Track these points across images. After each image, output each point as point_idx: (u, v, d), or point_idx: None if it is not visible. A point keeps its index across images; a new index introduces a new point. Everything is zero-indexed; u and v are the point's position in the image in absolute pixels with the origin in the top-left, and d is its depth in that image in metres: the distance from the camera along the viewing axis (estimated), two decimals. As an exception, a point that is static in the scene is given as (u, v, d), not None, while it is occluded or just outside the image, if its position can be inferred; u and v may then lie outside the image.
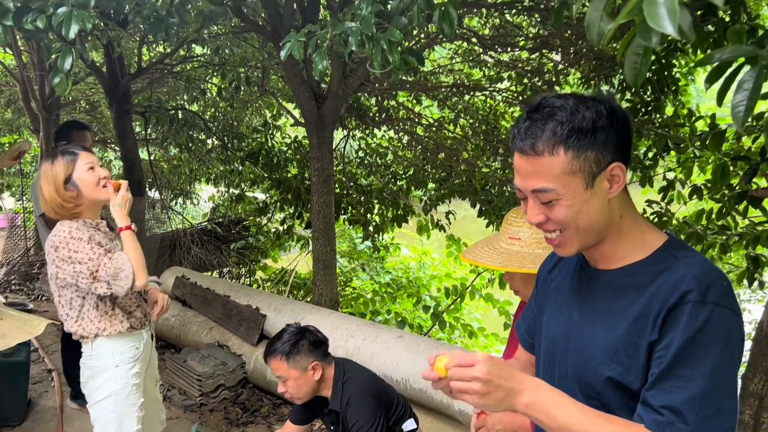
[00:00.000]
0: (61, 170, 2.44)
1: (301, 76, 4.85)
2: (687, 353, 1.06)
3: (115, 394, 2.50)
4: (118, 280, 2.35)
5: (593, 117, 1.11)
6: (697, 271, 1.10)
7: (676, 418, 1.05)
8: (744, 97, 1.04)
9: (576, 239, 1.19)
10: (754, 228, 4.06)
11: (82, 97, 9.58)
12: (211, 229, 8.79)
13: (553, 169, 1.12)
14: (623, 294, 1.18)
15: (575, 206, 1.14)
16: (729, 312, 1.08)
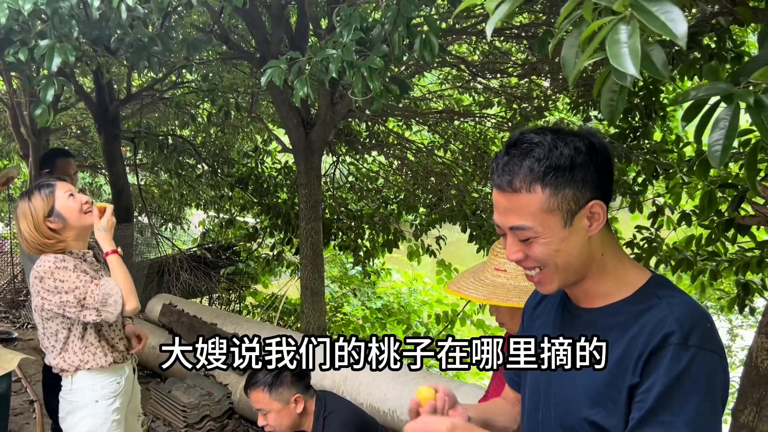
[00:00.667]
0: (40, 206, 2.39)
1: (289, 103, 4.84)
2: (668, 398, 1.03)
3: (94, 430, 2.44)
4: (107, 306, 2.31)
5: (571, 154, 1.09)
6: (678, 312, 1.07)
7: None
8: (720, 135, 1.02)
9: (556, 277, 1.16)
10: (743, 254, 4.05)
11: (73, 122, 9.56)
12: (201, 255, 8.72)
13: (530, 207, 1.10)
14: (605, 334, 1.15)
15: (553, 244, 1.12)
16: (711, 355, 1.05)
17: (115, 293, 2.32)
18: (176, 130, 8.85)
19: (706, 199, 3.14)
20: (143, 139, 7.11)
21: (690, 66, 4.00)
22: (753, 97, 0.97)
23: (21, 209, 2.42)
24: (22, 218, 2.40)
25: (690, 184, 4.50)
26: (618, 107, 1.16)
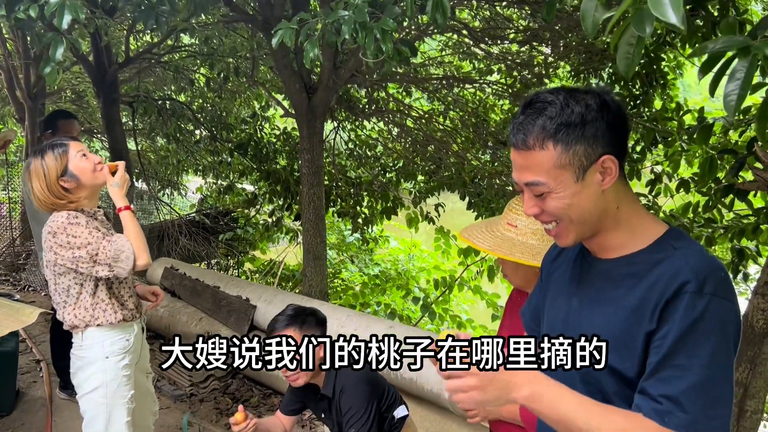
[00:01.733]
0: (53, 165, 2.40)
1: (292, 67, 4.83)
2: (684, 343, 1.07)
3: (104, 386, 2.48)
4: (119, 261, 2.34)
5: (582, 111, 1.13)
6: (694, 262, 1.11)
7: (675, 406, 1.06)
8: (736, 86, 1.06)
9: (572, 231, 1.21)
10: (739, 221, 4.11)
11: (68, 86, 9.47)
12: (199, 221, 8.76)
13: (543, 163, 1.15)
14: (621, 283, 1.19)
15: (566, 199, 1.16)
16: (726, 302, 1.09)
17: (127, 249, 2.36)
18: (174, 94, 8.80)
19: (707, 165, 3.19)
20: (142, 104, 7.06)
21: (692, 34, 4.00)
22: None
23: (34, 168, 2.43)
24: (35, 177, 2.41)
25: (689, 151, 4.54)
26: (634, 60, 1.19)
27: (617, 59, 1.22)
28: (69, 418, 3.76)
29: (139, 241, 2.41)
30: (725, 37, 1.10)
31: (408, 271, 9.03)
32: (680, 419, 1.06)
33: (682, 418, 1.06)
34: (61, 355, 4.03)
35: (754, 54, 1.04)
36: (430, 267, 8.88)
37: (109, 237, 2.39)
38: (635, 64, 1.16)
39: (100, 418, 2.49)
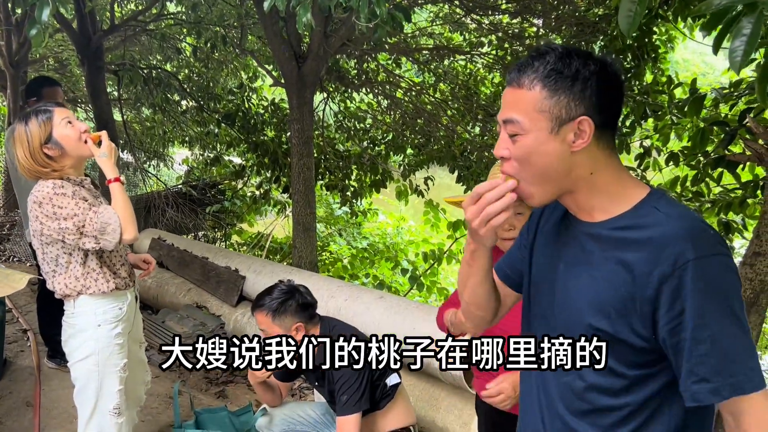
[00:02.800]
0: (36, 132, 2.33)
1: (282, 35, 4.75)
2: (707, 313, 1.07)
3: (96, 353, 2.45)
4: (105, 234, 2.30)
5: (578, 66, 1.13)
6: (682, 226, 1.11)
7: (726, 376, 1.07)
8: (742, 42, 1.05)
9: (533, 190, 1.19)
10: (727, 195, 4.15)
11: (51, 54, 9.28)
12: (186, 192, 8.68)
13: (526, 103, 1.15)
14: (606, 247, 1.19)
15: (533, 146, 1.15)
16: (724, 258, 1.09)
17: (114, 222, 2.31)
18: (159, 64, 8.65)
19: (698, 137, 3.20)
20: (128, 73, 6.93)
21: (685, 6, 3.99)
22: (777, 4, 1.00)
23: (18, 134, 2.35)
24: (19, 143, 2.34)
25: (679, 124, 4.56)
26: (636, 18, 1.18)
27: (619, 18, 1.21)
28: (58, 387, 3.75)
29: (127, 213, 2.36)
30: (732, -7, 1.09)
31: (396, 244, 9.05)
32: (733, 385, 1.07)
33: (733, 382, 1.07)
34: (48, 324, 4.00)
35: (760, 10, 1.03)
36: (419, 240, 8.90)
37: (96, 208, 2.33)
38: (637, 23, 1.14)
39: (92, 386, 2.47)
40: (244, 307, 4.60)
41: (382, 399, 2.64)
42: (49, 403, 3.55)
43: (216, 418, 2.95)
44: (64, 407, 3.52)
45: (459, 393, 3.30)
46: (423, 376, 3.48)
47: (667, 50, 5.71)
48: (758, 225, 2.73)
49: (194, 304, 4.85)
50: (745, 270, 2.72)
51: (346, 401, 2.44)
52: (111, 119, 6.80)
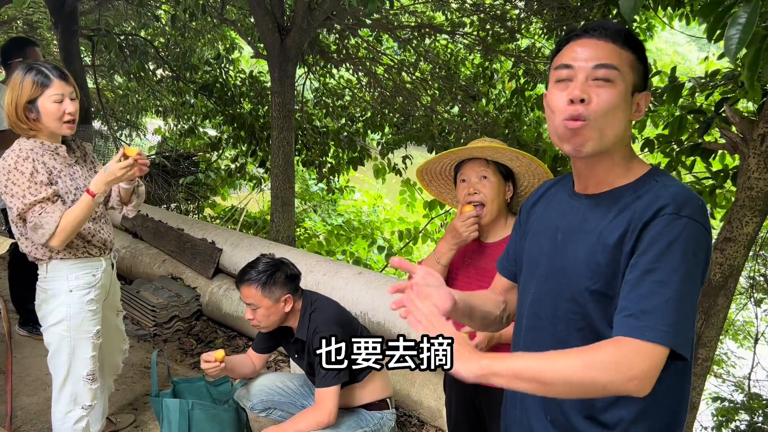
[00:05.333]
0: (27, 88, 2.29)
1: (265, 6, 4.69)
2: (663, 260, 1.12)
3: (67, 319, 2.44)
4: (35, 231, 2.28)
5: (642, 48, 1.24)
6: (674, 190, 1.18)
7: (655, 319, 1.09)
8: (737, 30, 1.09)
9: (594, 135, 1.20)
10: (697, 183, 4.26)
11: (21, 15, 8.97)
12: (160, 163, 8.54)
13: (621, 57, 1.21)
14: (605, 214, 1.25)
15: (617, 100, 1.19)
16: (701, 227, 1.15)
17: (48, 227, 2.27)
18: (134, 30, 8.43)
19: (676, 124, 3.27)
20: (103, 38, 6.75)
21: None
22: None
23: (14, 79, 2.32)
24: (11, 88, 2.31)
25: (655, 112, 4.64)
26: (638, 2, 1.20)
27: (620, 2, 1.23)
28: (30, 354, 3.71)
29: (70, 225, 2.30)
30: (730, -19, 1.12)
31: (372, 222, 9.07)
32: (658, 332, 1.09)
33: (660, 330, 1.09)
34: (19, 292, 3.95)
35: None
36: (394, 219, 8.93)
37: (45, 205, 2.28)
38: (639, 7, 1.17)
39: (64, 351, 2.47)
40: (220, 280, 4.59)
41: (361, 372, 2.68)
42: (21, 370, 3.51)
43: (193, 388, 2.96)
44: (36, 374, 3.49)
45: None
46: (399, 351, 3.53)
47: (647, 38, 5.78)
48: (730, 211, 2.82)
49: (169, 276, 4.82)
50: (716, 255, 2.81)
51: (326, 374, 2.47)
52: (85, 85, 6.64)
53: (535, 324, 1.38)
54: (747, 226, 2.72)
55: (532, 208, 1.50)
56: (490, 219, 2.08)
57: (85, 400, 2.52)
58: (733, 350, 7.15)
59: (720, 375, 6.59)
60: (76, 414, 2.51)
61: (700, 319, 2.84)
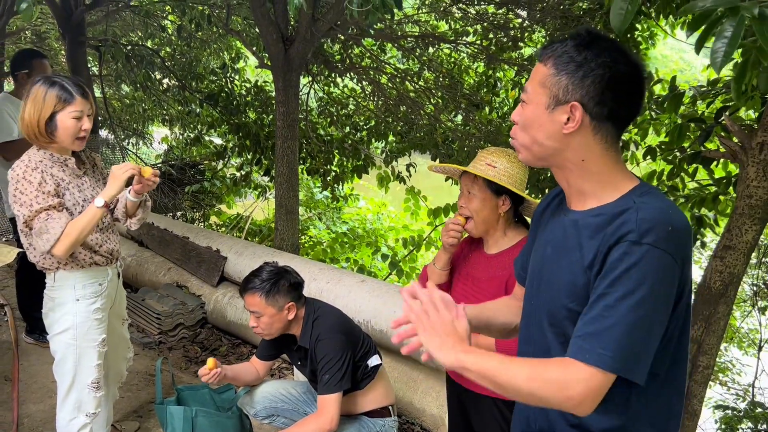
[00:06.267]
0: (50, 103, 2.32)
1: (269, 17, 4.74)
2: (615, 286, 1.13)
3: (74, 327, 2.47)
4: (40, 237, 2.31)
5: (588, 56, 1.19)
6: (643, 214, 1.16)
7: (597, 343, 1.11)
8: (723, 44, 1.11)
9: (524, 150, 1.30)
10: (701, 191, 4.26)
11: (29, 26, 9.09)
12: (166, 171, 8.61)
13: (537, 75, 1.25)
14: (585, 233, 1.26)
15: (530, 116, 1.25)
16: (664, 253, 1.13)
17: (54, 232, 2.29)
18: (141, 41, 8.53)
19: (676, 132, 3.29)
20: (110, 48, 6.83)
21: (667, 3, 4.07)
22: (757, 9, 1.06)
23: (36, 92, 2.35)
24: (32, 99, 2.34)
25: (658, 120, 4.66)
26: (627, 16, 1.23)
27: (610, 15, 1.26)
28: (36, 362, 3.75)
29: (75, 234, 2.32)
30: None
31: (376, 230, 9.10)
32: (598, 356, 1.11)
33: (600, 354, 1.11)
34: (26, 300, 3.99)
35: (742, 14, 1.09)
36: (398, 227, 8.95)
37: (52, 212, 2.32)
38: (628, 20, 1.20)
39: (70, 359, 2.49)
40: (225, 288, 4.62)
41: (363, 379, 2.70)
42: (27, 377, 3.55)
43: (197, 395, 2.99)
44: (42, 382, 3.53)
45: (436, 376, 3.38)
46: (402, 359, 3.55)
47: (649, 47, 5.81)
48: (730, 220, 2.83)
49: (174, 284, 4.85)
50: (716, 263, 2.83)
51: (328, 380, 2.50)
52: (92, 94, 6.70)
53: (527, 335, 1.41)
54: (746, 234, 2.73)
55: (542, 215, 1.51)
56: (479, 232, 2.12)
57: (89, 407, 2.55)
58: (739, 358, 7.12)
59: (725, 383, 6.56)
60: (79, 421, 2.54)
61: (701, 327, 2.85)
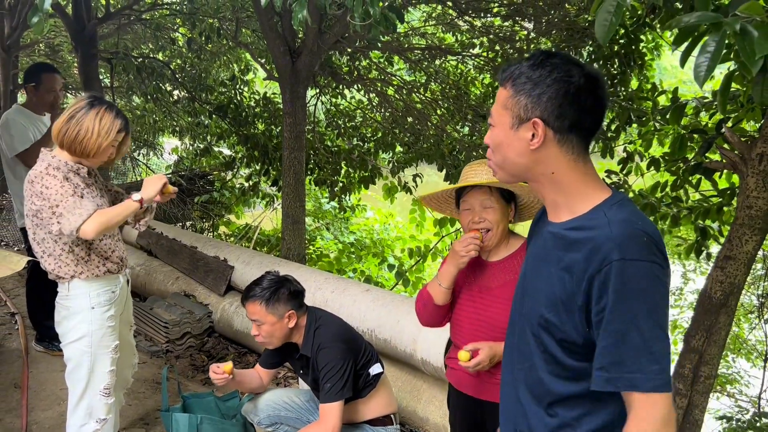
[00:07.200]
0: (115, 133, 2.47)
1: (277, 30, 4.82)
2: (617, 310, 1.16)
3: (89, 335, 2.52)
4: (72, 213, 2.33)
5: (543, 73, 1.24)
6: (616, 231, 1.18)
7: (622, 369, 1.15)
8: (706, 58, 1.15)
9: (499, 168, 1.36)
10: (704, 202, 4.27)
11: (43, 39, 9.25)
12: (175, 181, 8.70)
13: (499, 99, 1.31)
14: (559, 246, 1.29)
15: (498, 137, 1.31)
16: (649, 264, 1.16)
17: (86, 210, 2.35)
18: (152, 53, 8.66)
19: (677, 143, 3.32)
20: (121, 61, 6.95)
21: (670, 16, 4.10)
22: (739, 25, 1.09)
23: (104, 114, 2.45)
24: (98, 121, 2.43)
25: (661, 131, 4.68)
26: (611, 28, 1.27)
27: (595, 26, 1.30)
28: (45, 370, 3.80)
29: (107, 217, 2.38)
30: (699, 12, 1.19)
31: (383, 240, 9.14)
32: (628, 379, 1.15)
33: (630, 377, 1.15)
34: (37, 309, 4.05)
35: (724, 29, 1.13)
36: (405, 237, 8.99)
37: (79, 198, 2.39)
38: (611, 32, 1.24)
39: (84, 366, 2.54)
40: (232, 297, 4.67)
41: (365, 388, 2.72)
42: (37, 385, 3.60)
43: (203, 403, 3.02)
44: (51, 389, 3.58)
45: (440, 385, 3.40)
46: (406, 368, 3.57)
47: (653, 58, 5.84)
48: (730, 230, 2.85)
49: (182, 293, 4.91)
50: (717, 273, 2.84)
51: (330, 389, 2.52)
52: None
53: (512, 341, 1.45)
54: (747, 244, 2.74)
55: (535, 226, 1.55)
56: (495, 242, 2.15)
57: (100, 413, 2.59)
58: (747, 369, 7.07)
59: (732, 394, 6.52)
60: (90, 428, 2.58)
61: (702, 337, 2.86)
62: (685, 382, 2.93)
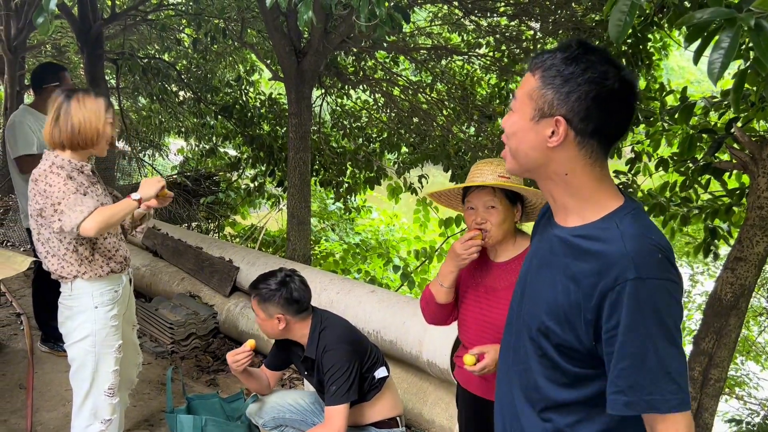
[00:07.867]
0: (103, 114, 2.46)
1: (282, 30, 4.80)
2: (634, 330, 1.12)
3: (93, 335, 2.52)
4: (73, 210, 2.32)
5: (575, 70, 1.17)
6: (631, 247, 1.14)
7: (641, 393, 1.12)
8: (720, 55, 1.12)
9: (511, 159, 1.30)
10: (714, 202, 4.23)
11: (49, 40, 9.28)
12: (181, 182, 8.71)
13: (524, 86, 1.24)
14: (567, 252, 1.25)
15: (516, 125, 1.25)
16: (663, 282, 1.13)
17: (87, 207, 2.34)
18: (157, 54, 8.67)
19: (686, 143, 3.28)
20: (127, 61, 6.95)
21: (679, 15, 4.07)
22: (753, 20, 1.07)
23: (90, 100, 2.45)
24: (87, 109, 2.43)
25: (670, 131, 4.64)
26: (625, 28, 1.24)
27: (609, 26, 1.27)
28: (50, 371, 3.80)
29: (107, 215, 2.37)
30: (713, 7, 1.16)
31: (388, 241, 9.12)
32: (647, 402, 1.12)
33: (650, 400, 1.12)
34: (42, 309, 4.04)
35: (739, 25, 1.10)
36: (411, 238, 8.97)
37: (82, 196, 2.38)
38: (626, 32, 1.21)
39: (88, 366, 2.54)
40: (237, 298, 4.65)
41: (370, 391, 2.70)
42: (42, 385, 3.60)
43: (207, 404, 3.01)
44: (56, 390, 3.57)
45: (446, 387, 3.37)
46: (411, 370, 3.54)
47: (661, 57, 5.79)
48: (740, 231, 2.81)
49: (187, 293, 4.90)
50: (727, 274, 2.81)
51: (335, 391, 2.50)
52: (109, 107, 6.82)
53: (508, 341, 1.42)
54: (758, 245, 2.71)
55: (538, 225, 1.51)
56: (494, 241, 2.11)
57: (104, 414, 2.58)
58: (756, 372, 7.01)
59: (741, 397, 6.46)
60: (95, 428, 2.57)
61: (712, 340, 2.82)
62: (694, 385, 2.90)
